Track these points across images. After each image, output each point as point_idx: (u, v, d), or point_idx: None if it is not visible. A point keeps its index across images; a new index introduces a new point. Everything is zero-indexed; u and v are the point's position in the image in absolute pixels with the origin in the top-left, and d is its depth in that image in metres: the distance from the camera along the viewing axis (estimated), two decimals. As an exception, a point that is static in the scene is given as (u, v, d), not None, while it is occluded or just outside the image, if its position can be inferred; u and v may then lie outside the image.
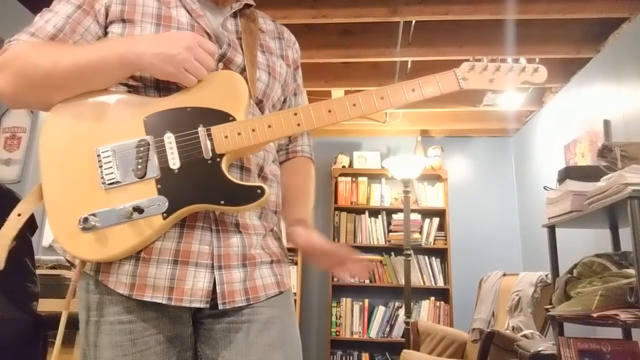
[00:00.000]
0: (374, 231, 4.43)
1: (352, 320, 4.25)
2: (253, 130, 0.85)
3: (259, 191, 0.83)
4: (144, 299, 0.83)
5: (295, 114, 0.87)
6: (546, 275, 2.94)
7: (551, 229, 2.43)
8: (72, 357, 1.99)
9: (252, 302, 0.89)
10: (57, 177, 0.85)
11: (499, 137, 4.67)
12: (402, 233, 3.99)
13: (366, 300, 4.31)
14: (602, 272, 1.97)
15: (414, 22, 2.97)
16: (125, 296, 0.83)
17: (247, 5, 1.04)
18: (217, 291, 0.86)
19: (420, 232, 4.35)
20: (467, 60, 0.94)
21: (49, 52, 0.85)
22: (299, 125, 0.87)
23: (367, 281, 4.31)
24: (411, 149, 4.49)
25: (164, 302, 0.83)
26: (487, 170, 4.64)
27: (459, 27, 3.08)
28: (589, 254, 2.13)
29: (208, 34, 0.94)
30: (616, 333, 2.29)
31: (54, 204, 0.84)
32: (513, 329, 2.96)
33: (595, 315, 1.77)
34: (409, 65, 3.46)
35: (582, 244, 2.84)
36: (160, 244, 0.84)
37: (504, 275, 3.54)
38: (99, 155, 0.84)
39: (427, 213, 4.46)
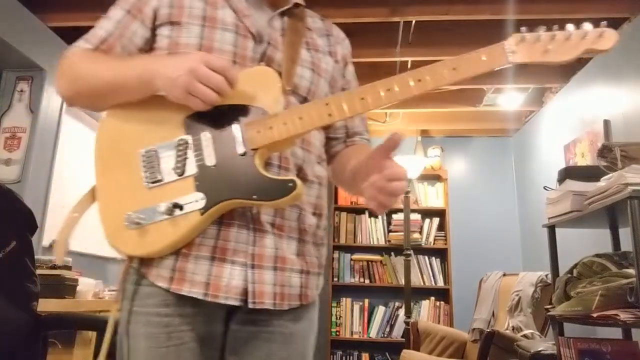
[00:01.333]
0: (374, 231, 4.43)
1: (352, 320, 4.25)
2: (285, 123, 0.85)
3: (290, 184, 0.82)
4: (182, 293, 0.85)
5: (327, 104, 0.86)
6: (546, 275, 2.94)
7: (551, 229, 2.43)
8: (72, 357, 1.99)
9: (277, 308, 0.90)
10: (107, 178, 0.91)
11: (499, 137, 4.67)
12: (402, 233, 3.99)
13: (366, 300, 4.31)
14: (602, 272, 1.97)
15: (414, 22, 2.97)
16: (164, 289, 0.86)
17: (297, 5, 1.05)
18: (248, 289, 0.87)
19: (420, 232, 4.35)
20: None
21: (90, 65, 0.92)
22: (330, 115, 0.85)
23: (367, 281, 4.31)
24: (411, 149, 4.49)
25: (200, 297, 0.85)
26: (487, 170, 4.64)
27: (459, 27, 3.08)
28: (589, 254, 2.13)
29: (251, 33, 0.95)
30: (616, 333, 2.29)
31: (103, 202, 0.90)
32: (513, 329, 2.96)
33: (595, 315, 1.77)
34: (409, 65, 3.47)
35: (582, 244, 2.83)
36: (199, 240, 0.87)
37: (504, 275, 3.54)
38: (143, 156, 0.88)
39: (427, 213, 4.46)
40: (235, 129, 0.86)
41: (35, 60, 2.95)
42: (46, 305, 1.84)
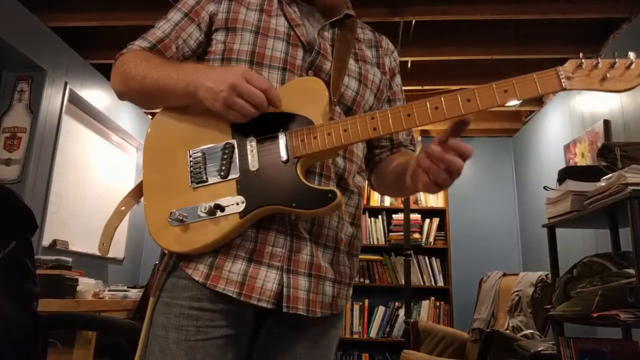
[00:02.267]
0: (374, 231, 4.43)
1: (352, 320, 4.25)
2: (329, 134, 0.86)
3: (330, 195, 0.83)
4: (217, 289, 0.87)
5: (372, 117, 0.85)
6: (546, 275, 2.94)
7: (551, 229, 2.43)
8: (72, 357, 1.99)
9: (310, 315, 0.91)
10: (155, 175, 0.94)
11: (499, 137, 4.67)
12: (402, 233, 3.99)
13: (366, 300, 4.31)
14: (602, 272, 1.97)
15: (414, 22, 2.97)
16: (200, 284, 0.88)
17: (348, 16, 1.07)
18: (283, 294, 0.88)
19: (420, 232, 4.35)
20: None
21: (144, 66, 0.95)
22: (374, 129, 0.85)
23: (367, 281, 4.31)
24: (411, 149, 4.49)
25: (234, 296, 0.87)
26: (487, 170, 4.64)
27: (458, 27, 3.08)
28: (589, 254, 2.13)
29: (302, 42, 0.98)
30: (616, 333, 2.29)
31: (149, 199, 0.93)
32: (513, 329, 2.96)
33: (595, 315, 1.77)
34: (409, 65, 3.47)
35: (582, 244, 2.84)
36: (239, 241, 0.89)
37: (504, 275, 3.54)
38: (191, 157, 0.91)
39: (427, 213, 4.47)
40: (281, 136, 0.88)
41: (35, 60, 2.95)
42: (46, 305, 1.84)
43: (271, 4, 1.02)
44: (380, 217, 4.45)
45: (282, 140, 0.87)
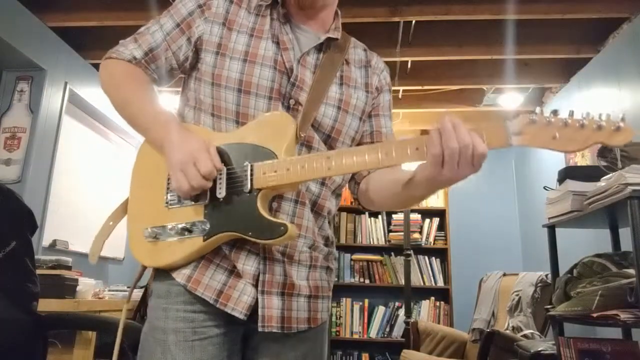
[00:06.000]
0: (374, 231, 4.43)
1: (352, 320, 4.26)
2: (287, 169, 0.90)
3: (282, 228, 0.88)
4: (196, 293, 0.93)
5: (329, 157, 0.89)
6: (546, 275, 2.94)
7: (551, 229, 2.43)
8: (72, 357, 1.99)
9: (285, 331, 0.96)
10: (137, 194, 1.02)
11: (499, 137, 4.66)
12: (402, 233, 3.99)
13: (366, 300, 4.31)
14: (602, 272, 1.97)
15: (414, 22, 2.97)
16: (181, 286, 0.94)
17: (335, 39, 1.07)
18: (259, 313, 0.93)
19: (420, 232, 4.35)
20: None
21: (127, 92, 1.01)
22: (329, 169, 0.89)
23: (367, 281, 4.31)
24: (411, 149, 4.49)
25: (210, 302, 0.92)
26: (487, 170, 4.62)
27: (458, 27, 3.08)
28: (589, 254, 2.13)
29: (287, 69, 0.99)
30: (616, 333, 2.29)
31: (130, 215, 1.02)
32: (513, 329, 2.96)
33: (595, 315, 1.77)
34: (409, 65, 3.47)
35: (582, 244, 2.83)
36: (224, 253, 0.95)
37: (504, 275, 3.54)
38: (169, 179, 0.96)
39: (427, 213, 4.47)
40: (247, 167, 0.92)
41: (35, 60, 2.95)
42: (46, 305, 1.84)
43: (264, 23, 1.02)
44: (380, 217, 4.45)
45: (247, 171, 0.92)
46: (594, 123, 0.77)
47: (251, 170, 0.91)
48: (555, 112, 0.79)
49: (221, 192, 0.92)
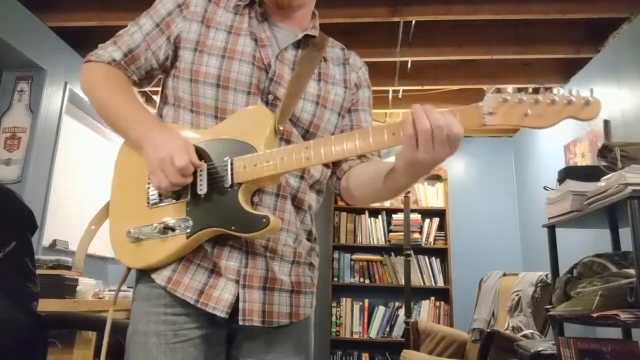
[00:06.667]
0: (374, 231, 4.43)
1: (352, 320, 4.26)
2: (268, 162, 0.90)
3: (264, 220, 0.88)
4: (176, 294, 0.93)
5: (307, 147, 0.90)
6: (546, 275, 2.94)
7: (551, 229, 2.43)
8: (72, 357, 1.99)
9: (266, 325, 0.96)
10: (118, 196, 1.02)
11: (499, 137, 4.67)
12: (402, 233, 3.99)
13: (366, 300, 4.31)
14: (602, 272, 1.97)
15: (414, 22, 2.97)
16: (161, 287, 0.94)
17: (313, 36, 1.09)
18: (240, 307, 0.93)
19: (420, 232, 4.35)
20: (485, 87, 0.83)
21: (107, 94, 1.01)
22: (308, 159, 0.90)
23: (367, 281, 4.31)
24: (411, 149, 4.49)
25: (191, 302, 0.93)
26: (487, 170, 4.64)
27: (459, 27, 3.08)
28: (589, 254, 2.13)
29: (265, 65, 1.00)
30: (616, 333, 2.29)
31: (112, 217, 1.01)
32: (513, 329, 2.96)
33: (595, 315, 1.77)
34: (409, 65, 3.47)
35: (582, 244, 2.83)
36: (203, 252, 0.95)
37: (504, 275, 3.54)
38: (149, 179, 0.96)
39: (427, 213, 4.47)
40: (227, 163, 0.92)
41: (35, 60, 2.95)
42: (46, 305, 1.84)
43: (242, 21, 1.04)
44: (380, 217, 4.45)
45: (228, 166, 0.92)
46: (564, 99, 0.79)
47: (231, 165, 0.92)
48: (525, 91, 0.81)
49: (202, 189, 0.92)
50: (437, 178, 4.53)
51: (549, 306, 2.28)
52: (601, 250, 2.18)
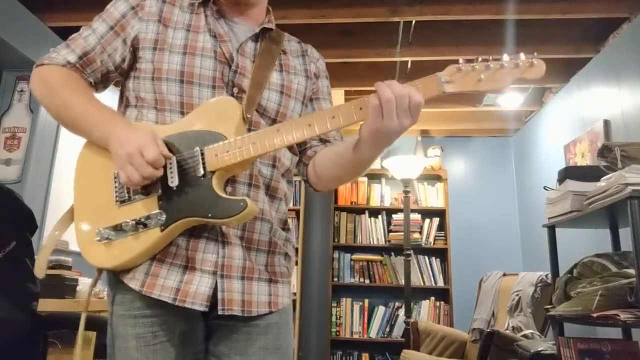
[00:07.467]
0: (374, 231, 4.43)
1: (352, 320, 4.25)
2: (239, 148, 0.91)
3: (242, 204, 0.89)
4: (152, 296, 0.92)
5: (278, 130, 0.92)
6: (546, 275, 2.94)
7: (551, 229, 2.43)
8: (72, 357, 1.99)
9: (245, 314, 0.96)
10: (83, 197, 1.00)
11: (499, 137, 4.67)
12: (402, 233, 3.99)
13: (366, 300, 4.31)
14: (602, 272, 1.97)
15: (413, 22, 2.97)
16: (137, 292, 0.93)
17: (270, 29, 1.11)
18: (218, 297, 0.94)
19: (420, 232, 4.35)
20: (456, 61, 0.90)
21: (66, 95, 0.99)
22: (281, 141, 0.92)
23: (367, 281, 4.31)
24: (411, 149, 4.49)
25: (169, 301, 0.92)
26: (487, 170, 4.64)
27: (458, 27, 3.08)
28: (589, 254, 2.13)
29: (227, 59, 1.02)
30: (616, 333, 2.29)
31: (78, 219, 0.99)
32: (513, 329, 2.96)
33: (595, 315, 1.77)
34: (409, 65, 3.47)
35: (582, 244, 2.83)
36: (174, 250, 0.95)
37: (504, 275, 3.54)
38: (115, 177, 0.96)
39: (427, 213, 4.46)
40: (198, 153, 0.93)
41: (36, 61, 2.93)
42: (46, 305, 1.84)
43: (199, 19, 1.05)
44: (380, 217, 4.45)
45: (198, 156, 0.92)
46: (511, 63, 0.87)
47: (202, 154, 0.92)
48: (478, 59, 0.88)
49: (173, 181, 0.91)
50: (437, 178, 4.53)
51: (549, 306, 2.28)
52: (601, 250, 2.18)
